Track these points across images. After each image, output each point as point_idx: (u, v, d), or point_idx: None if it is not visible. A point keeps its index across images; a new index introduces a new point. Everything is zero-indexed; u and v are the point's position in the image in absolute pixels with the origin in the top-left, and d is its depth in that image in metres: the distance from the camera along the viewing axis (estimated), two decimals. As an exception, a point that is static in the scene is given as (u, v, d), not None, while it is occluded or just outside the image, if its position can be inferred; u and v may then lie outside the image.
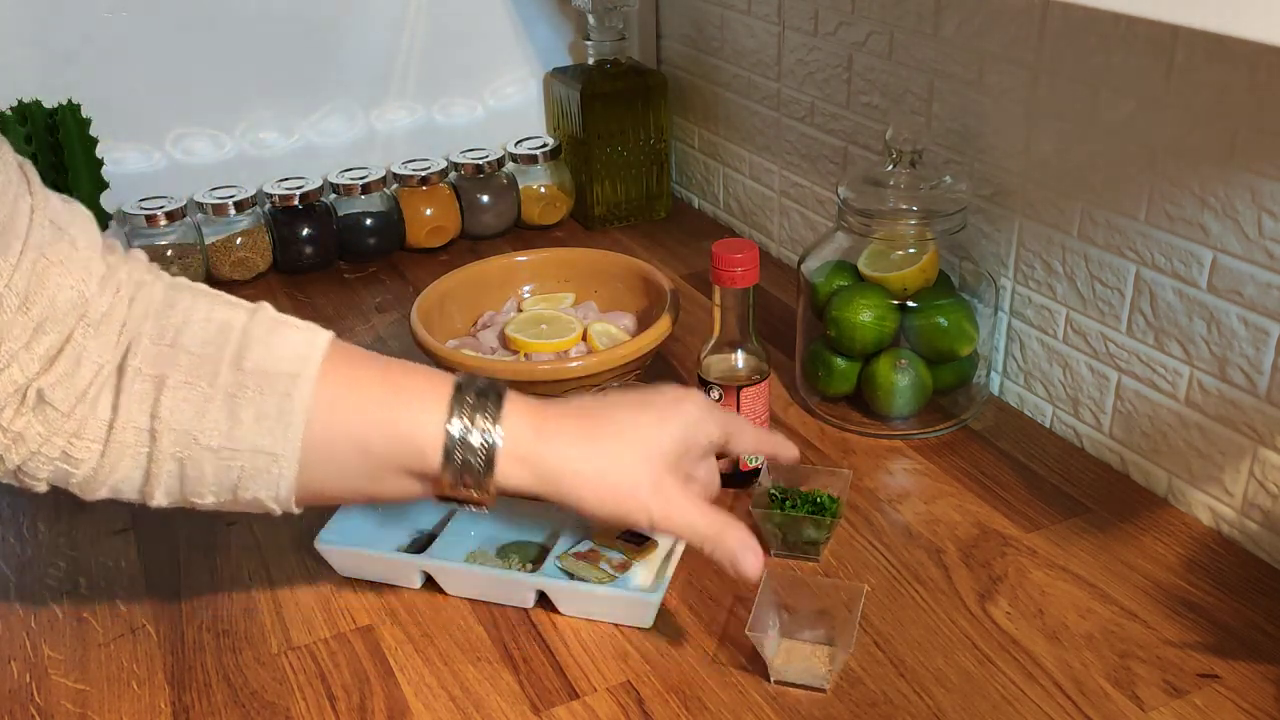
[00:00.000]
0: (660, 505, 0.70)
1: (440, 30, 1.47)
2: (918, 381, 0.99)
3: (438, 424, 0.68)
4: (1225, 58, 0.79)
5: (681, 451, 0.72)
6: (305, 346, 0.69)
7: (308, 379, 0.68)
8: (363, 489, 0.70)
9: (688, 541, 0.72)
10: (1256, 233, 0.80)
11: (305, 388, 0.67)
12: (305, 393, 0.67)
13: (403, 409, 0.68)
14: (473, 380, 0.70)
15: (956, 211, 0.97)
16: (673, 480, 0.71)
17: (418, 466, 0.69)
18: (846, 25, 1.17)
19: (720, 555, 0.70)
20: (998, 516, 0.90)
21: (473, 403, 0.68)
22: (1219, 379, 0.86)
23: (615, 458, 0.70)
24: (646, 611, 0.79)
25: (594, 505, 0.70)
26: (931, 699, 0.73)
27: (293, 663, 0.78)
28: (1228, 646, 0.77)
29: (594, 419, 0.72)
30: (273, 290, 1.34)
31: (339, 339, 0.72)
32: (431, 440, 0.68)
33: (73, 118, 1.21)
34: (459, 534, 0.87)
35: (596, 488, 0.70)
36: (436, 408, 0.68)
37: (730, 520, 0.71)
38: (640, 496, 0.70)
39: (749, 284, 0.89)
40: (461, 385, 0.70)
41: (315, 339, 0.70)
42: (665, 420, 0.72)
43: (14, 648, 0.81)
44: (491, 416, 0.68)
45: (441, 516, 0.88)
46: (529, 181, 1.48)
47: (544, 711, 0.74)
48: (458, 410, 0.68)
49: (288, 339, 0.69)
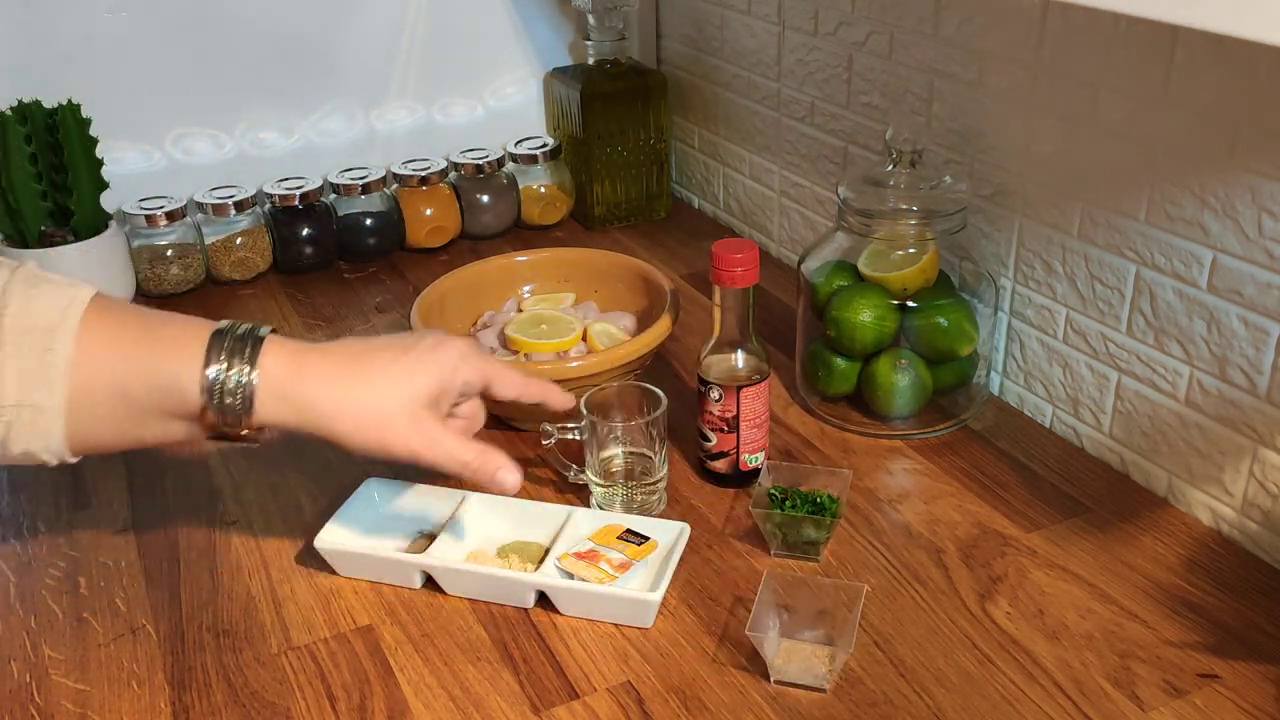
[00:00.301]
0: (419, 436, 0.75)
1: (440, 30, 1.47)
2: (918, 381, 0.99)
3: (195, 368, 0.71)
4: (1225, 58, 0.79)
5: (438, 391, 0.77)
6: (65, 300, 0.70)
7: (67, 332, 0.69)
8: (132, 434, 0.73)
9: (448, 468, 0.76)
10: (1256, 233, 0.80)
11: (65, 340, 0.69)
12: (65, 345, 0.69)
13: (162, 355, 0.71)
14: (234, 326, 0.73)
15: (956, 211, 0.97)
16: (430, 415, 0.76)
17: (180, 409, 0.72)
18: (846, 25, 1.17)
19: (481, 477, 0.77)
20: (998, 516, 0.90)
21: (230, 346, 0.72)
22: (1219, 379, 0.86)
23: (375, 392, 0.74)
24: (646, 611, 0.79)
25: (353, 435, 0.74)
26: (931, 699, 0.73)
27: (293, 663, 0.78)
28: (1228, 646, 0.77)
29: (355, 359, 0.75)
30: (273, 290, 1.34)
31: (103, 294, 0.73)
32: (190, 383, 0.71)
33: (73, 118, 1.21)
34: (459, 534, 0.87)
35: (356, 418, 0.73)
36: (194, 353, 0.71)
37: (488, 447, 0.77)
38: (399, 428, 0.74)
39: (749, 284, 0.89)
40: (220, 330, 0.73)
41: (76, 294, 0.71)
42: (423, 362, 0.76)
43: (14, 648, 0.81)
44: (248, 359, 0.72)
45: (443, 517, 0.88)
46: (529, 181, 1.48)
47: (544, 711, 0.74)
48: (215, 354, 0.71)
49: (46, 294, 0.70)
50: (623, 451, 0.92)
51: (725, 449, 0.93)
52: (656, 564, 0.84)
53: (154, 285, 1.31)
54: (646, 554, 0.84)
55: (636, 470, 0.91)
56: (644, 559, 0.84)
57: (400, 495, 0.91)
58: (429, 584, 0.85)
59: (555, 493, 0.95)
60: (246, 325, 0.74)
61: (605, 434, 0.90)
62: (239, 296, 1.32)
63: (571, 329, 1.07)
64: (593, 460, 0.91)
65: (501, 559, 0.85)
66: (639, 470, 0.91)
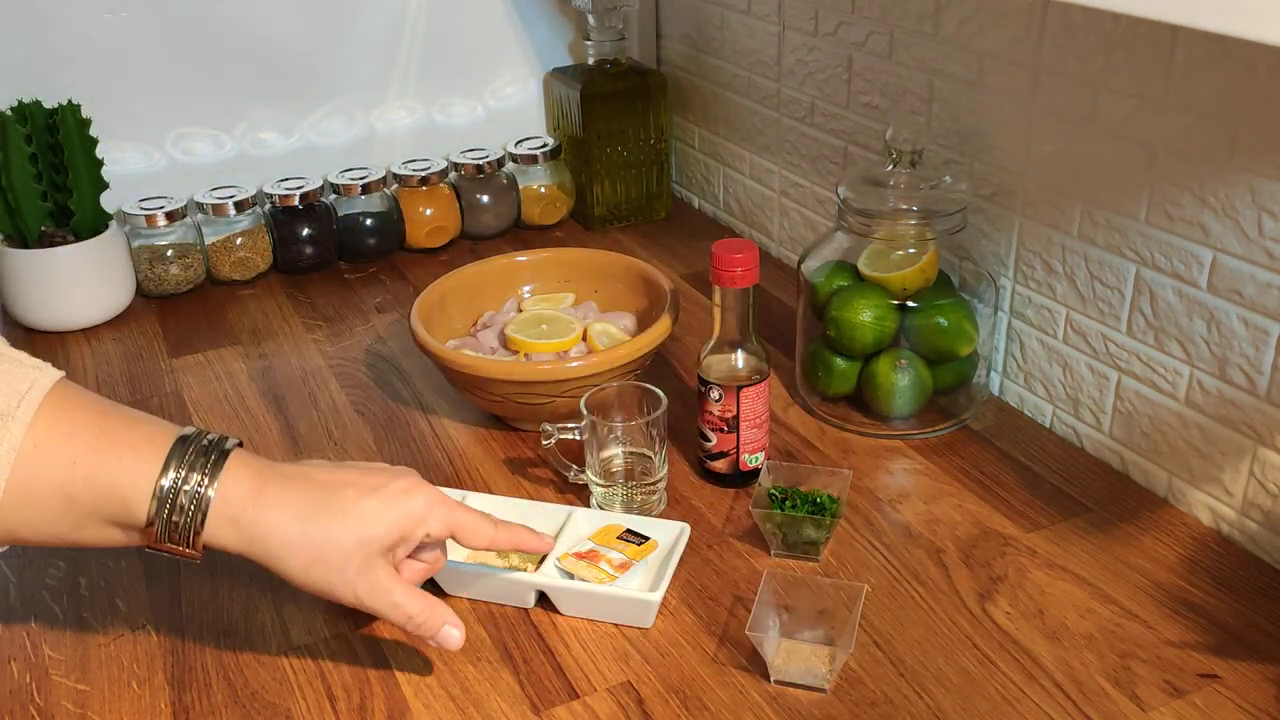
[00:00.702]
0: (366, 584, 0.71)
1: (440, 30, 1.47)
2: (918, 381, 0.99)
3: (149, 477, 0.67)
4: (1225, 58, 0.79)
5: (397, 540, 0.72)
6: (25, 384, 0.66)
7: (20, 420, 0.65)
8: (64, 535, 0.68)
9: (392, 619, 0.72)
10: (1256, 233, 0.80)
11: (16, 430, 0.65)
12: (15, 435, 0.65)
13: (114, 459, 0.67)
14: (201, 435, 0.70)
15: (956, 211, 0.97)
16: (383, 563, 0.72)
17: (124, 518, 0.68)
18: (846, 25, 1.17)
19: (425, 632, 0.72)
20: (998, 516, 0.90)
21: (192, 459, 0.68)
22: (1219, 379, 0.86)
23: (329, 534, 0.70)
24: (646, 612, 0.79)
25: (299, 574, 0.70)
26: (931, 699, 0.73)
27: (293, 663, 0.78)
28: (1228, 646, 0.77)
29: (317, 493, 0.71)
30: (273, 290, 1.34)
31: (69, 380, 0.69)
32: (140, 494, 0.67)
33: (73, 118, 1.21)
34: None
35: (304, 558, 0.70)
36: (151, 460, 0.67)
37: (436, 601, 0.73)
38: (348, 574, 0.70)
39: (749, 284, 0.89)
40: (185, 438, 0.69)
41: (38, 378, 0.67)
42: (390, 507, 0.72)
43: (14, 648, 0.81)
44: (209, 475, 0.68)
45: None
46: (529, 181, 1.48)
47: (544, 711, 0.74)
48: (175, 464, 0.67)
49: (6, 376, 0.66)
50: (623, 451, 0.92)
51: (725, 449, 0.93)
52: (657, 564, 0.84)
53: (154, 285, 1.31)
54: (646, 554, 0.84)
55: (636, 470, 0.91)
56: (644, 559, 0.84)
57: None
58: (430, 584, 0.84)
59: (555, 493, 0.95)
60: (213, 435, 0.70)
61: (605, 434, 0.90)
62: (239, 296, 1.32)
63: (571, 329, 1.07)
64: (593, 460, 0.91)
65: (502, 559, 0.85)
66: (639, 470, 0.91)
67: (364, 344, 1.21)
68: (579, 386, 0.95)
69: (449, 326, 1.10)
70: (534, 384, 0.96)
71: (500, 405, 1.00)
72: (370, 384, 1.13)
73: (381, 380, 1.14)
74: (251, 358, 1.19)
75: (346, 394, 1.12)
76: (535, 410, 0.99)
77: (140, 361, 1.19)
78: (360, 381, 1.14)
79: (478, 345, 1.07)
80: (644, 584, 0.82)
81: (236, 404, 1.10)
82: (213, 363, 1.18)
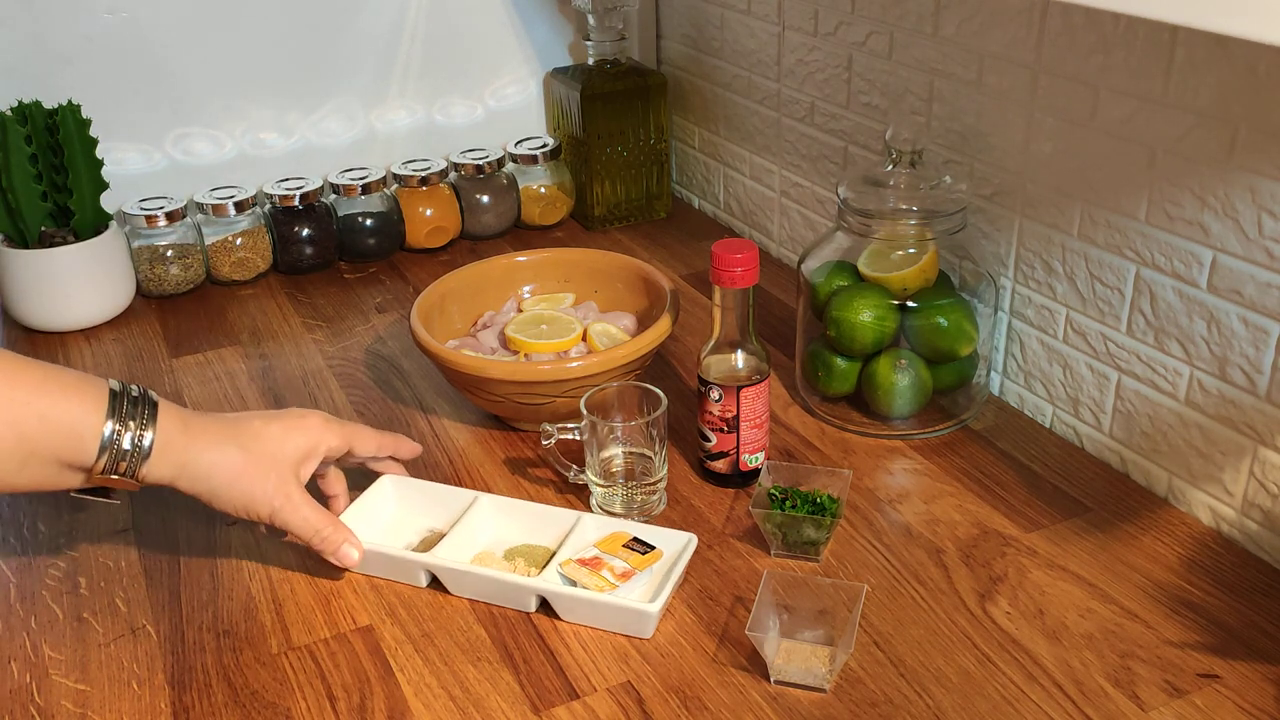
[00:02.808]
0: (281, 500, 0.81)
1: (440, 31, 1.47)
2: (918, 381, 0.99)
3: (97, 419, 0.75)
4: (1225, 58, 0.79)
5: (304, 457, 0.83)
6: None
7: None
8: (7, 477, 0.74)
9: (301, 531, 0.82)
10: (1256, 232, 0.80)
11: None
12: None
13: (64, 400, 0.74)
14: (126, 387, 0.77)
15: (956, 211, 0.97)
16: (294, 481, 0.82)
17: (72, 456, 0.74)
18: (846, 25, 1.17)
19: (328, 546, 0.83)
20: (998, 516, 0.90)
21: (127, 408, 0.76)
22: (1219, 379, 0.86)
23: (248, 452, 0.80)
24: (646, 623, 0.79)
25: (224, 488, 0.80)
26: (931, 699, 0.73)
27: (293, 663, 0.78)
28: (1228, 646, 0.77)
29: (232, 426, 0.81)
30: (272, 290, 1.34)
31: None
32: (90, 433, 0.74)
33: (73, 118, 1.21)
34: (467, 535, 0.87)
35: (228, 475, 0.79)
36: (97, 402, 0.75)
37: (340, 522, 0.84)
38: (267, 487, 0.80)
39: (749, 284, 0.89)
40: (115, 392, 0.76)
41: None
42: (290, 430, 0.83)
43: (14, 648, 0.81)
44: (148, 419, 0.76)
45: (455, 516, 0.88)
46: (529, 182, 1.48)
47: (544, 712, 0.74)
48: (115, 410, 0.75)
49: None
50: (623, 451, 0.92)
51: (725, 449, 0.93)
52: (660, 574, 0.83)
53: (154, 285, 1.31)
54: (651, 563, 0.83)
55: (636, 470, 0.91)
56: (648, 568, 0.83)
57: (414, 493, 0.92)
58: (434, 583, 0.85)
59: (555, 493, 0.95)
60: (137, 387, 0.78)
61: (605, 434, 0.90)
62: (239, 296, 1.32)
63: (571, 329, 1.07)
64: (593, 460, 0.91)
65: (508, 561, 0.85)
66: (639, 470, 0.91)
67: (364, 344, 1.21)
68: (579, 386, 0.95)
69: (449, 326, 1.10)
70: (534, 384, 0.96)
71: (500, 405, 1.00)
72: (370, 384, 1.13)
73: (381, 380, 1.14)
74: (251, 358, 1.19)
75: (346, 394, 1.12)
76: (535, 410, 0.99)
77: (140, 362, 1.20)
78: (360, 382, 1.14)
79: (478, 345, 1.07)
80: (645, 594, 0.82)
81: (236, 404, 1.10)
82: (213, 363, 1.18)
